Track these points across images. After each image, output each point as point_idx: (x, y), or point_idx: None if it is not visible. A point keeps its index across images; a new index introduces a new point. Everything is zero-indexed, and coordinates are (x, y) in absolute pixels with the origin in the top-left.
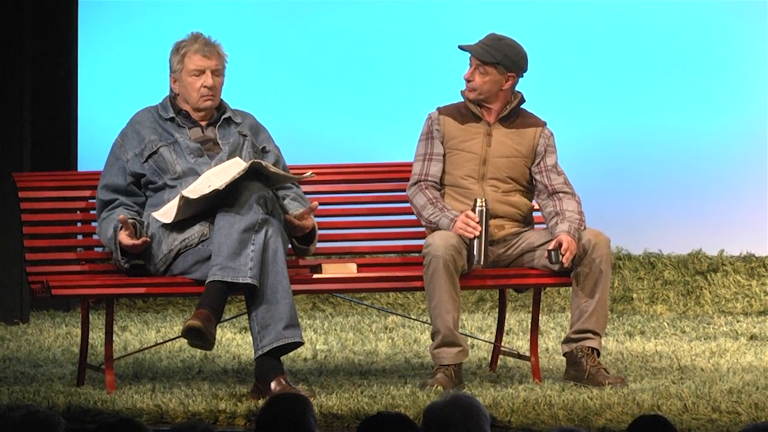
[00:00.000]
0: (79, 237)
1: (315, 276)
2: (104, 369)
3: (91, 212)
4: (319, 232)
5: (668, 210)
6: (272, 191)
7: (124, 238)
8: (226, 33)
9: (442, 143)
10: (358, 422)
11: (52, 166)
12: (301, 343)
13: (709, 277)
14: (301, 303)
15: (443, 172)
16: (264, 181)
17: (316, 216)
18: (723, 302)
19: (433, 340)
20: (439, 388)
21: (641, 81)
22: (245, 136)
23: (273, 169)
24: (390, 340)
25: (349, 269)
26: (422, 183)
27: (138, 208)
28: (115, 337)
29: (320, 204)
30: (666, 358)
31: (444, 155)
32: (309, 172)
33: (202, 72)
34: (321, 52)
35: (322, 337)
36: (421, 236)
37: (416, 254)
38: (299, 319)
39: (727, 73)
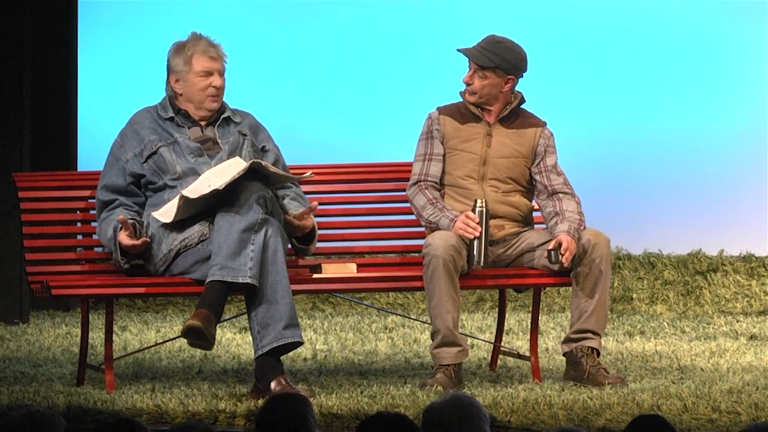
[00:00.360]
0: (79, 237)
1: (315, 276)
2: (104, 369)
3: (91, 212)
4: (319, 232)
5: (668, 210)
6: (272, 191)
7: (124, 238)
8: (226, 33)
9: (442, 143)
10: (357, 422)
11: (52, 166)
12: (300, 343)
13: (708, 277)
14: (301, 303)
15: (443, 172)
16: (264, 180)
17: (315, 216)
18: (723, 302)
19: (432, 340)
20: (438, 388)
21: (641, 81)
22: (245, 135)
23: (273, 169)
24: (390, 340)
25: (349, 269)
26: (422, 183)
27: (138, 208)
28: (114, 337)
29: (320, 204)
30: (666, 358)
31: (444, 155)
32: (309, 172)
33: (209, 73)
34: (321, 52)
35: (322, 337)
36: (421, 236)
37: (416, 254)
38: (299, 319)
39: (727, 74)
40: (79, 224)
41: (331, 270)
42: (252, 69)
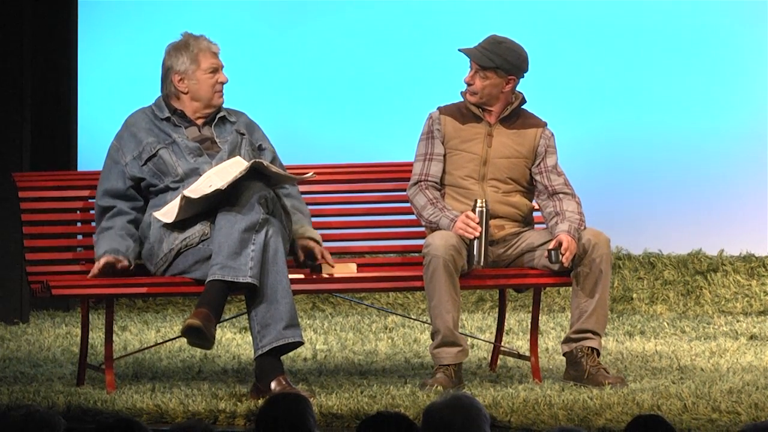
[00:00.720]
0: (79, 237)
1: (315, 276)
2: (104, 369)
3: (91, 212)
4: (319, 231)
5: (668, 210)
6: (273, 191)
7: (97, 268)
8: (226, 33)
9: (442, 143)
10: (357, 422)
11: (52, 166)
12: (301, 343)
13: (708, 277)
14: (301, 303)
15: (443, 172)
16: (265, 180)
17: (316, 216)
18: (723, 302)
19: (433, 340)
20: (438, 388)
21: (641, 81)
22: (243, 134)
23: (274, 169)
24: (390, 340)
25: (350, 269)
26: (422, 183)
27: (136, 214)
28: (115, 337)
29: (320, 204)
30: (666, 358)
31: (444, 155)
32: (310, 173)
33: (216, 70)
34: (321, 53)
35: (322, 337)
36: (421, 236)
37: (416, 254)
38: (299, 319)
39: (727, 74)
40: (79, 224)
41: (331, 270)
42: (252, 69)
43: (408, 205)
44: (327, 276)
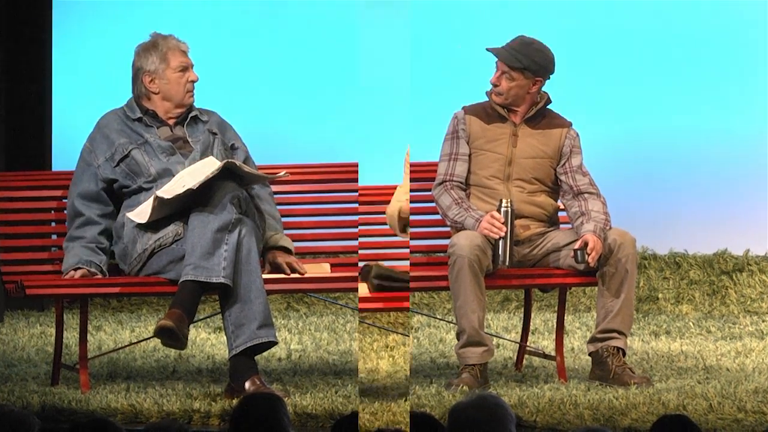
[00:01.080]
0: (53, 237)
1: (315, 275)
2: (78, 369)
3: (65, 212)
4: (289, 232)
5: (693, 210)
6: (246, 191)
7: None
8: (225, 32)
9: (467, 143)
10: (332, 422)
11: (26, 166)
12: (274, 343)
13: (734, 277)
14: (276, 303)
15: (468, 172)
16: (238, 180)
17: (288, 216)
18: (748, 302)
19: (458, 340)
20: (464, 387)
21: (667, 79)
22: (215, 134)
23: (247, 168)
24: (416, 340)
25: (323, 269)
26: (447, 183)
27: (106, 224)
28: (89, 337)
29: (291, 204)
30: (691, 357)
31: (469, 155)
32: (282, 172)
33: (186, 68)
34: (295, 50)
35: (297, 337)
36: (446, 236)
37: (441, 254)
38: (273, 319)
39: (757, 69)
40: (53, 224)
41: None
42: (249, 68)
43: (433, 204)
44: (300, 276)
